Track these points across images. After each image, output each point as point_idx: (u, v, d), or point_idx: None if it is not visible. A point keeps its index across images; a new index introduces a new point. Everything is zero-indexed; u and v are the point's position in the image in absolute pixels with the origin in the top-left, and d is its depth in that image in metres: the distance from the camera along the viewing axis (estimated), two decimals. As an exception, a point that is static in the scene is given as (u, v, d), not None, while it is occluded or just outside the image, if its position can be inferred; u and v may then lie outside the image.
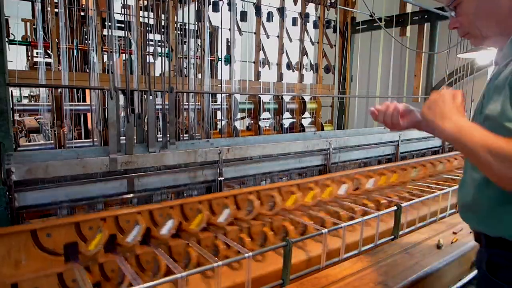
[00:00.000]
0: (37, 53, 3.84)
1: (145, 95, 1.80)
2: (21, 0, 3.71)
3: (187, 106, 2.56)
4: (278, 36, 3.66)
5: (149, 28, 2.42)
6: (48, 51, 2.98)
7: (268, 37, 3.63)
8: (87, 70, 3.39)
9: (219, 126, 3.03)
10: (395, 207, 2.03)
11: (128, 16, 2.61)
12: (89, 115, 3.12)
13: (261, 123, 3.38)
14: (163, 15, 2.51)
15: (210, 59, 3.19)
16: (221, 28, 3.12)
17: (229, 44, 3.69)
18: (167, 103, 1.94)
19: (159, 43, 3.18)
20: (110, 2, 1.99)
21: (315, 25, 3.90)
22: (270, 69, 3.69)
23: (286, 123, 3.64)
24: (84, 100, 3.69)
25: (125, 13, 2.11)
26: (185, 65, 2.93)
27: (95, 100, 2.40)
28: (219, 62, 3.71)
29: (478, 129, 0.91)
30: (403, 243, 1.86)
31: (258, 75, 3.57)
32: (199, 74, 2.99)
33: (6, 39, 2.55)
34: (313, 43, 4.05)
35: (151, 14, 2.37)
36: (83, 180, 1.57)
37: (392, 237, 2.04)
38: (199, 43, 3.11)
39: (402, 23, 4.12)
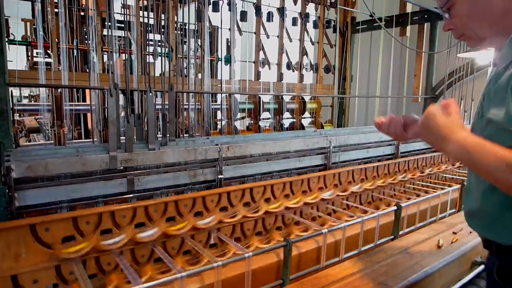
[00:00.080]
0: (37, 53, 3.84)
1: (145, 95, 1.80)
2: (21, 0, 3.71)
3: (187, 106, 2.56)
4: (278, 36, 3.66)
5: (149, 28, 2.42)
6: (48, 51, 2.98)
7: (268, 37, 3.63)
8: (87, 70, 3.39)
9: (219, 126, 3.03)
10: (395, 207, 2.03)
11: (128, 16, 2.61)
12: (89, 115, 3.13)
13: (261, 123, 3.38)
14: (163, 15, 2.52)
15: (210, 59, 3.19)
16: (221, 28, 3.11)
17: (229, 44, 3.69)
18: (167, 103, 1.94)
19: (159, 43, 3.18)
20: (110, 2, 1.99)
21: (315, 25, 3.90)
22: (270, 69, 3.69)
23: (286, 123, 3.64)
24: (84, 100, 3.70)
25: (125, 13, 2.11)
26: (185, 65, 2.93)
27: (95, 100, 2.40)
28: (219, 62, 3.71)
29: (483, 145, 0.88)
30: (403, 243, 1.86)
31: (258, 75, 3.57)
32: (199, 74, 2.99)
33: (6, 39, 2.55)
34: (313, 43, 4.05)
35: (151, 14, 2.37)
36: (83, 178, 1.57)
37: (392, 237, 2.04)
38: (199, 43, 3.11)
39: (402, 23, 4.11)
